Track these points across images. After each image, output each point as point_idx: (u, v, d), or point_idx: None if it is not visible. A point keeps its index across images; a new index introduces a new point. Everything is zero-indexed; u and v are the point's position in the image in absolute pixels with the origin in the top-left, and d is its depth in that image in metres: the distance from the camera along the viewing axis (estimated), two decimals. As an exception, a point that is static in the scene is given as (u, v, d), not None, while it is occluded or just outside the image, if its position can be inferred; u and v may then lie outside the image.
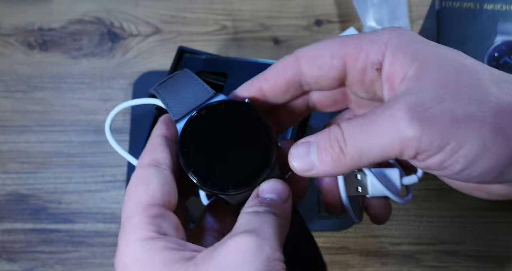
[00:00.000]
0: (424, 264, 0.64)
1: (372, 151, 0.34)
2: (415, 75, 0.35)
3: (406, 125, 0.33)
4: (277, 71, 0.39)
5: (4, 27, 0.73)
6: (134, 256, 0.34)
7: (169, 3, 0.74)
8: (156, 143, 0.39)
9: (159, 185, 0.36)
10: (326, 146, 0.36)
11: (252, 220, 0.35)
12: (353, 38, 0.38)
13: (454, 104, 0.33)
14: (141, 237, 0.34)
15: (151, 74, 0.70)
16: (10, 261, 0.64)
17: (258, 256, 0.32)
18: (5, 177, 0.67)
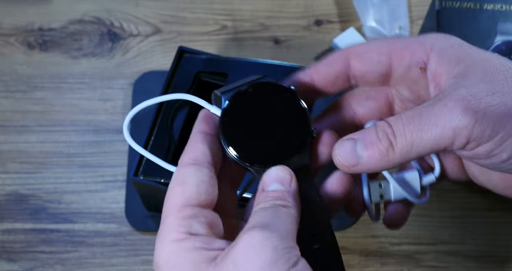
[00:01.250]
0: (424, 264, 0.64)
1: (423, 143, 0.35)
2: (463, 73, 0.37)
3: (459, 115, 0.34)
4: (328, 63, 0.41)
5: (4, 27, 0.73)
6: (165, 257, 0.36)
7: (169, 3, 0.74)
8: (195, 140, 0.40)
9: (194, 185, 0.38)
10: (374, 140, 0.36)
11: (259, 216, 0.36)
12: (400, 39, 0.40)
13: (503, 98, 0.35)
14: (172, 238, 0.36)
15: (151, 74, 0.70)
16: (10, 261, 0.64)
17: (266, 247, 0.33)
18: (5, 177, 0.67)
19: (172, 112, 0.58)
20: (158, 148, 0.57)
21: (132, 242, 0.64)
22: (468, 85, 0.36)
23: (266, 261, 0.33)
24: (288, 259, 0.34)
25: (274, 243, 0.34)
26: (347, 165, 0.38)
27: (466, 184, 0.66)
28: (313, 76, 0.41)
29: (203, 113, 0.42)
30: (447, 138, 0.35)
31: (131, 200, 0.65)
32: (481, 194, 0.66)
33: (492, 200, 0.66)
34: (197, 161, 0.39)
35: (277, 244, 0.34)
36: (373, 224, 0.65)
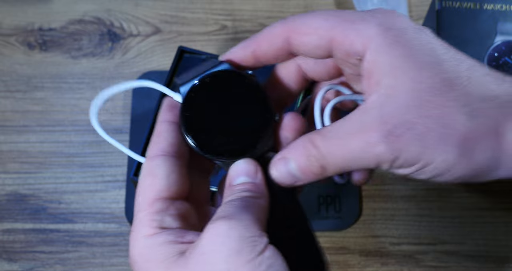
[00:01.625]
0: (424, 264, 0.64)
1: (352, 165, 0.38)
2: (389, 88, 0.37)
3: (381, 151, 0.36)
4: (268, 38, 0.40)
5: (4, 27, 0.73)
6: (139, 252, 0.37)
7: (169, 3, 0.74)
8: (161, 130, 0.40)
9: (164, 177, 0.38)
10: (307, 165, 0.38)
11: (226, 207, 0.36)
12: (343, 22, 0.38)
13: (424, 130, 0.36)
14: (144, 233, 0.37)
15: (151, 74, 0.70)
16: (10, 261, 0.64)
17: (231, 236, 0.34)
18: (5, 177, 0.67)
19: None
20: None
21: (132, 242, 0.64)
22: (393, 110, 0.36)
23: (232, 250, 0.34)
24: (254, 247, 0.34)
25: (239, 231, 0.34)
26: (288, 184, 0.39)
27: (466, 184, 0.66)
28: (255, 51, 0.40)
29: (167, 102, 0.41)
30: (373, 164, 0.37)
31: (131, 200, 0.65)
32: (481, 194, 0.66)
33: (492, 200, 0.66)
34: (165, 151, 0.39)
35: (242, 232, 0.34)
36: (373, 224, 0.65)
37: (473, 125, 0.36)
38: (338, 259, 0.64)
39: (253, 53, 0.41)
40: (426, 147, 0.36)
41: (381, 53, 0.37)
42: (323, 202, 0.65)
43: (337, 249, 0.64)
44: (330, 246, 0.64)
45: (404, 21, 0.38)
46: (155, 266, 0.36)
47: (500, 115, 0.36)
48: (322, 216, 0.64)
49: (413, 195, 0.66)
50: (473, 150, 0.36)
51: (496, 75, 0.38)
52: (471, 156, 0.36)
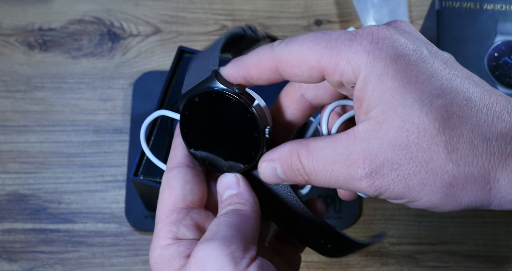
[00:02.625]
0: (424, 264, 0.64)
1: (335, 187, 0.38)
2: (377, 123, 0.36)
3: (364, 188, 0.36)
4: (257, 68, 0.39)
5: (4, 27, 0.73)
6: (154, 261, 0.39)
7: (169, 3, 0.74)
8: (176, 143, 0.42)
9: (180, 187, 0.40)
10: (291, 174, 0.39)
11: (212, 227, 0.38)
12: (329, 51, 0.37)
13: (408, 173, 0.35)
14: (160, 244, 0.39)
15: (151, 74, 0.70)
16: (10, 261, 0.64)
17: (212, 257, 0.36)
18: (5, 177, 0.67)
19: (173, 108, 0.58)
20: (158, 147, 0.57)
21: (132, 242, 0.64)
22: (379, 149, 0.36)
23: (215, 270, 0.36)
24: (237, 264, 0.36)
25: (219, 251, 0.36)
26: (275, 183, 0.40)
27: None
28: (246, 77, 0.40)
29: None
30: (356, 192, 0.39)
31: (131, 200, 0.65)
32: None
33: (492, 200, 0.66)
34: (180, 163, 0.41)
35: (222, 251, 0.36)
36: (373, 224, 0.65)
37: (460, 174, 0.35)
38: (338, 259, 0.64)
39: (244, 78, 0.40)
40: (409, 189, 0.36)
41: (370, 84, 0.36)
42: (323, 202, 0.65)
43: (337, 249, 0.64)
44: (330, 246, 0.64)
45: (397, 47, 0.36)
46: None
47: (494, 161, 0.35)
48: None
49: (413, 195, 0.66)
50: (458, 196, 0.36)
51: None
52: (456, 199, 0.36)
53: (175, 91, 0.59)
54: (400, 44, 0.36)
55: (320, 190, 0.65)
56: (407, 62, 0.35)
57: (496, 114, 0.35)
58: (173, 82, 0.59)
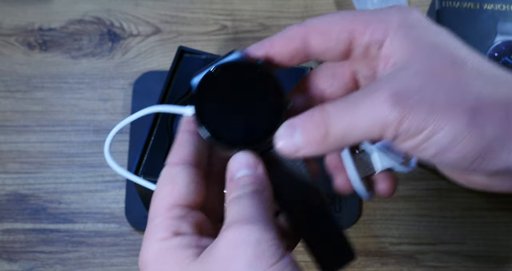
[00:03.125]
0: (424, 264, 0.64)
1: (355, 133, 0.36)
2: (403, 62, 0.37)
3: (386, 111, 0.35)
4: (284, 40, 0.40)
5: (4, 27, 0.73)
6: (153, 255, 0.37)
7: (169, 3, 0.74)
8: (183, 140, 0.40)
9: (184, 185, 0.38)
10: (311, 128, 0.37)
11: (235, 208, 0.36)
12: (362, 15, 0.39)
13: (434, 94, 0.35)
14: (160, 237, 0.37)
15: (151, 74, 0.70)
16: (10, 261, 0.64)
17: (250, 242, 0.34)
18: (5, 177, 0.67)
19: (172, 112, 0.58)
20: (158, 147, 0.57)
21: (132, 242, 0.64)
22: (402, 78, 0.36)
23: (252, 257, 0.34)
24: (275, 251, 0.34)
25: (257, 236, 0.34)
26: (289, 152, 0.38)
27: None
28: (269, 52, 0.40)
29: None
30: (376, 131, 0.36)
31: (131, 200, 0.65)
32: (481, 194, 0.66)
33: (492, 200, 0.66)
34: (185, 160, 0.39)
35: (259, 237, 0.34)
36: (373, 224, 0.65)
37: (485, 97, 0.35)
38: (338, 259, 0.64)
39: (266, 54, 0.40)
40: (435, 111, 0.35)
41: (401, 37, 0.37)
42: (323, 202, 0.65)
43: (337, 249, 0.64)
44: (330, 246, 0.64)
45: (419, 14, 0.39)
46: (169, 268, 0.36)
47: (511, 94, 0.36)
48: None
49: (413, 195, 0.66)
50: (483, 121, 0.35)
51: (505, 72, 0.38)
52: (480, 126, 0.35)
53: (175, 91, 0.59)
54: (420, 13, 0.39)
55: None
56: (429, 24, 0.38)
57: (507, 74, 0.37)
58: (173, 82, 0.59)
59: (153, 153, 0.57)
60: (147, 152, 0.57)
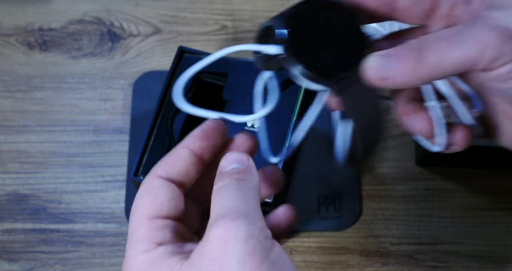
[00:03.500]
0: (424, 264, 0.64)
1: (451, 59, 0.36)
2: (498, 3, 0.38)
3: (488, 32, 0.36)
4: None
5: (4, 27, 0.73)
6: (138, 267, 0.36)
7: (169, 3, 0.74)
8: (177, 155, 0.39)
9: (166, 199, 0.38)
10: (405, 54, 0.37)
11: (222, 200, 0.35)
12: None
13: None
14: (144, 248, 0.36)
15: (151, 74, 0.70)
16: (10, 261, 0.64)
17: (240, 237, 0.33)
18: (5, 177, 0.67)
19: (172, 112, 0.58)
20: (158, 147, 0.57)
21: (132, 242, 0.64)
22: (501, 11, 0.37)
23: (244, 252, 0.33)
24: (264, 247, 0.33)
25: (245, 232, 0.33)
26: (377, 78, 0.38)
27: (466, 183, 0.66)
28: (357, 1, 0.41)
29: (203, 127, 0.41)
30: (474, 54, 0.36)
31: (131, 200, 0.65)
32: (481, 194, 0.66)
33: (492, 200, 0.66)
34: (170, 177, 0.39)
35: (248, 232, 0.33)
36: (373, 224, 0.65)
37: None
38: (338, 259, 0.64)
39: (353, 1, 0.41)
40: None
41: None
42: (323, 202, 0.65)
43: (337, 249, 0.64)
44: (330, 246, 0.64)
45: None
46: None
47: None
48: (322, 216, 0.64)
49: (413, 195, 0.66)
50: None
51: None
52: None
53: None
54: None
55: (320, 190, 0.65)
56: None
57: None
58: (173, 82, 0.59)
59: (153, 153, 0.57)
60: (147, 151, 0.57)
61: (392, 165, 0.67)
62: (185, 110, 0.42)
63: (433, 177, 0.66)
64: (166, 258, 0.35)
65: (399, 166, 0.67)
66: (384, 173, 0.67)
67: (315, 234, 0.64)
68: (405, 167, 0.67)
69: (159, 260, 0.35)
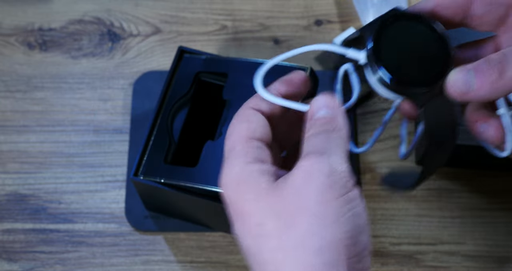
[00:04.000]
0: (424, 264, 0.64)
1: None
2: None
3: None
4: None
5: (4, 27, 0.73)
6: (234, 176, 0.39)
7: (169, 3, 0.74)
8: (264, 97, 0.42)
9: (259, 124, 0.41)
10: (486, 69, 0.39)
11: (312, 142, 0.38)
12: None
13: None
14: (243, 161, 0.39)
15: (151, 74, 0.70)
16: (10, 261, 0.64)
17: (323, 171, 0.36)
18: (5, 177, 0.67)
19: (172, 112, 0.58)
20: (158, 147, 0.57)
21: (132, 242, 0.64)
22: None
23: (324, 185, 0.36)
24: (345, 183, 0.36)
25: (330, 167, 0.36)
26: (459, 93, 0.40)
27: (466, 183, 0.66)
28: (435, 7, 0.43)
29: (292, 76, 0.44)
30: None
31: (131, 200, 0.65)
32: (481, 194, 0.66)
33: (492, 200, 0.66)
34: (260, 109, 0.41)
35: (332, 168, 0.36)
36: (373, 224, 0.65)
37: None
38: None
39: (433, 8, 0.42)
40: None
41: None
42: (323, 202, 0.65)
43: (337, 249, 0.64)
44: (330, 246, 0.64)
45: None
46: (247, 189, 0.37)
47: None
48: None
49: (413, 195, 0.66)
50: None
51: None
52: None
53: (175, 91, 0.59)
54: None
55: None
56: None
57: None
58: (173, 82, 0.59)
59: (153, 153, 0.57)
60: (147, 151, 0.57)
61: (392, 165, 0.67)
62: (269, 99, 0.43)
63: (433, 177, 0.66)
64: (258, 174, 0.38)
65: (399, 166, 0.67)
66: (384, 173, 0.67)
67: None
68: (405, 167, 0.67)
69: (251, 174, 0.38)
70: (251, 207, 0.37)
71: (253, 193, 0.37)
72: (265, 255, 0.36)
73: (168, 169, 0.56)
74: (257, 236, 0.36)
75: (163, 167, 0.56)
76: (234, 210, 0.38)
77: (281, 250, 0.35)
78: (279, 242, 0.35)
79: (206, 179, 0.54)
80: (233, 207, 0.38)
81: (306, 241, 0.35)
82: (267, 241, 0.36)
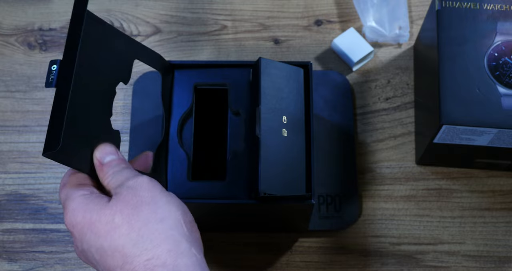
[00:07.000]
0: (424, 264, 0.64)
1: None
2: None
3: None
4: None
5: (4, 27, 0.73)
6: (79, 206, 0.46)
7: (169, 3, 0.74)
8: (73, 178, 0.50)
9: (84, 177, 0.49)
10: None
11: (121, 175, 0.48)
12: None
13: None
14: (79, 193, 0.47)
15: (151, 74, 0.70)
16: (10, 261, 0.64)
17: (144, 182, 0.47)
18: (5, 177, 0.67)
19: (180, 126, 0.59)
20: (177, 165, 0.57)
21: (132, 242, 0.64)
22: None
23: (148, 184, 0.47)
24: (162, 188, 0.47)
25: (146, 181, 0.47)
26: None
27: (466, 183, 0.66)
28: None
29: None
30: None
31: (131, 200, 0.65)
32: (481, 194, 0.66)
33: (492, 200, 0.66)
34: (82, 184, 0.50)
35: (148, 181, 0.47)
36: (373, 224, 0.65)
37: None
38: (338, 259, 0.64)
39: None
40: None
41: None
42: (323, 201, 0.65)
43: (337, 249, 0.64)
44: (330, 246, 0.64)
45: None
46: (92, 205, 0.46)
47: None
48: (322, 215, 0.64)
49: (413, 195, 0.66)
50: None
51: None
52: None
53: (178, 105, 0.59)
54: None
55: (320, 190, 0.65)
56: None
57: None
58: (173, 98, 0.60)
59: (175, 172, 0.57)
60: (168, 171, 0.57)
61: (392, 165, 0.67)
62: None
63: (433, 177, 0.67)
64: (97, 197, 0.47)
65: (399, 166, 0.67)
66: (384, 173, 0.67)
67: (315, 233, 0.64)
68: (405, 167, 0.67)
69: (92, 198, 0.47)
70: (99, 214, 0.46)
71: (98, 204, 0.46)
72: (119, 240, 0.44)
73: (192, 187, 0.56)
74: (110, 230, 0.45)
75: (187, 185, 0.56)
76: (83, 227, 0.46)
77: (133, 230, 0.44)
78: (129, 225, 0.45)
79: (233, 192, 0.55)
80: (82, 225, 0.46)
81: (151, 218, 0.45)
82: (119, 229, 0.45)
